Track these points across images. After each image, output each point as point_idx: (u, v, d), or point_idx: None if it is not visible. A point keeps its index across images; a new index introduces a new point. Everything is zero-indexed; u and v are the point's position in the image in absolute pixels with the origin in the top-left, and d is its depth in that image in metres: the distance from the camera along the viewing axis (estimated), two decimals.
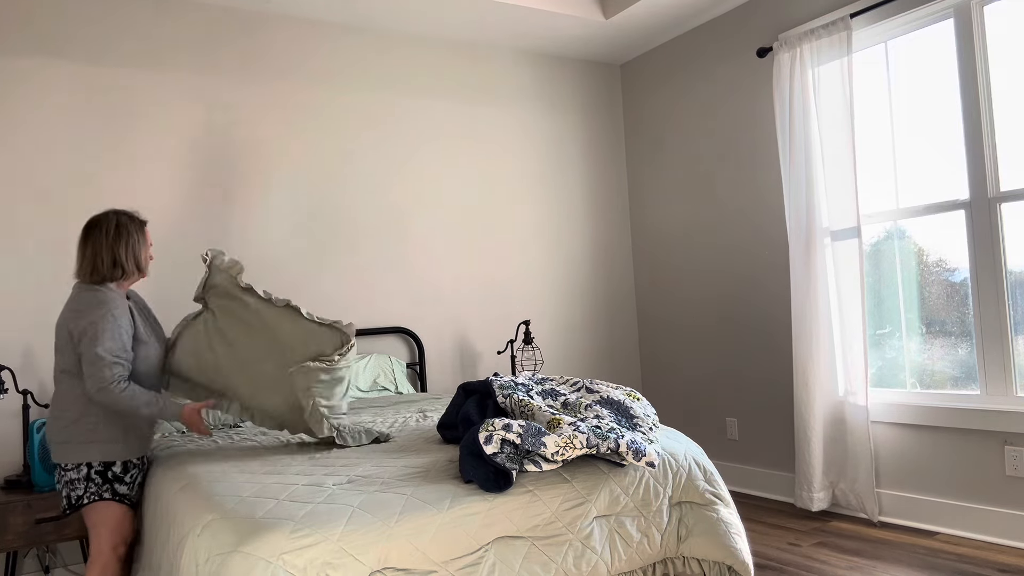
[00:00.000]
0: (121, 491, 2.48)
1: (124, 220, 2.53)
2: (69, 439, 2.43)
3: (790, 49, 3.86)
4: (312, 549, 1.77)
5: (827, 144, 3.76)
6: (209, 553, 1.81)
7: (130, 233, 2.52)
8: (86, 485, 2.44)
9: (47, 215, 3.40)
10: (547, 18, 4.29)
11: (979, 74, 3.29)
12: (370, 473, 2.18)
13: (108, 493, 2.46)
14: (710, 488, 2.44)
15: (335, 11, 4.02)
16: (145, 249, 2.57)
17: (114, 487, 2.47)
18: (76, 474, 2.43)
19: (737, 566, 2.33)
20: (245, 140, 3.88)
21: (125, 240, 2.50)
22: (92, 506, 2.46)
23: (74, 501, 2.44)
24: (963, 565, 3.03)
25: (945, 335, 3.50)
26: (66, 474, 2.44)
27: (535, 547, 2.07)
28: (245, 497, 2.00)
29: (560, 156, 4.90)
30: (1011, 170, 3.24)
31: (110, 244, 2.48)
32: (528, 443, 2.11)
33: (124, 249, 2.49)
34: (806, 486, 3.77)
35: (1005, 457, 3.22)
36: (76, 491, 2.43)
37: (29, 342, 3.33)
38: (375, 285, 4.19)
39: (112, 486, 2.46)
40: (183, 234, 3.70)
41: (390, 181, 4.28)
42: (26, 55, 3.39)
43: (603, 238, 5.04)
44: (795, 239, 3.86)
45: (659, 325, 4.95)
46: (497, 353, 4.42)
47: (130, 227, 2.53)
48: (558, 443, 2.13)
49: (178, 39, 3.75)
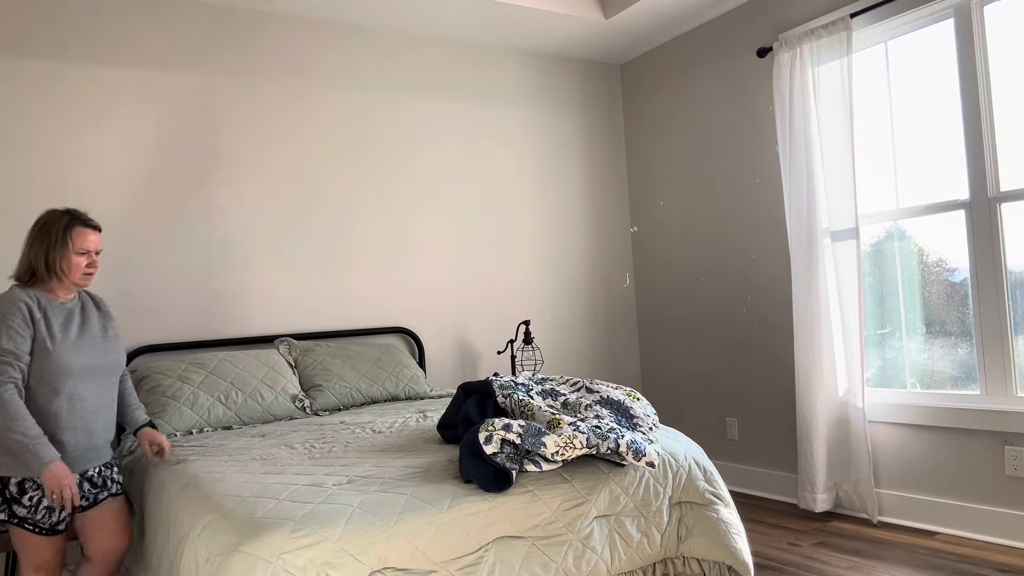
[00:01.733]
0: (20, 514, 2.26)
1: (52, 220, 2.40)
2: None
3: (790, 49, 3.86)
4: (312, 549, 1.77)
5: (827, 144, 3.76)
6: (209, 553, 1.81)
7: (50, 235, 2.38)
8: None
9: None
10: (547, 18, 4.29)
11: (979, 74, 3.29)
12: (370, 473, 2.18)
13: (4, 514, 2.26)
14: (710, 488, 2.44)
15: (334, 10, 4.02)
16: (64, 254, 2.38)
17: (12, 508, 2.25)
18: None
19: (737, 566, 2.33)
20: (244, 140, 3.88)
21: (42, 242, 2.38)
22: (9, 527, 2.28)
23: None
24: (963, 565, 3.03)
25: (945, 335, 3.50)
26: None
27: (535, 547, 2.07)
28: (245, 497, 2.00)
29: (560, 156, 4.90)
30: (1011, 170, 3.24)
31: (29, 243, 2.40)
32: (528, 443, 2.11)
33: (37, 251, 2.37)
34: (809, 487, 3.77)
35: (1005, 457, 3.22)
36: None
37: None
38: (375, 285, 4.19)
39: (10, 507, 2.25)
40: (183, 235, 3.70)
41: (390, 181, 4.28)
42: (29, 56, 3.40)
43: (603, 238, 5.04)
44: (795, 239, 3.86)
45: (659, 325, 4.95)
46: (497, 353, 4.42)
47: (53, 229, 2.38)
48: (558, 443, 2.13)
49: (178, 39, 3.74)
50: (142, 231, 3.61)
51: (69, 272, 2.39)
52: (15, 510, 2.25)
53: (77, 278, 2.41)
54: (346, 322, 4.08)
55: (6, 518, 2.25)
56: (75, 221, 2.41)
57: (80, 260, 2.40)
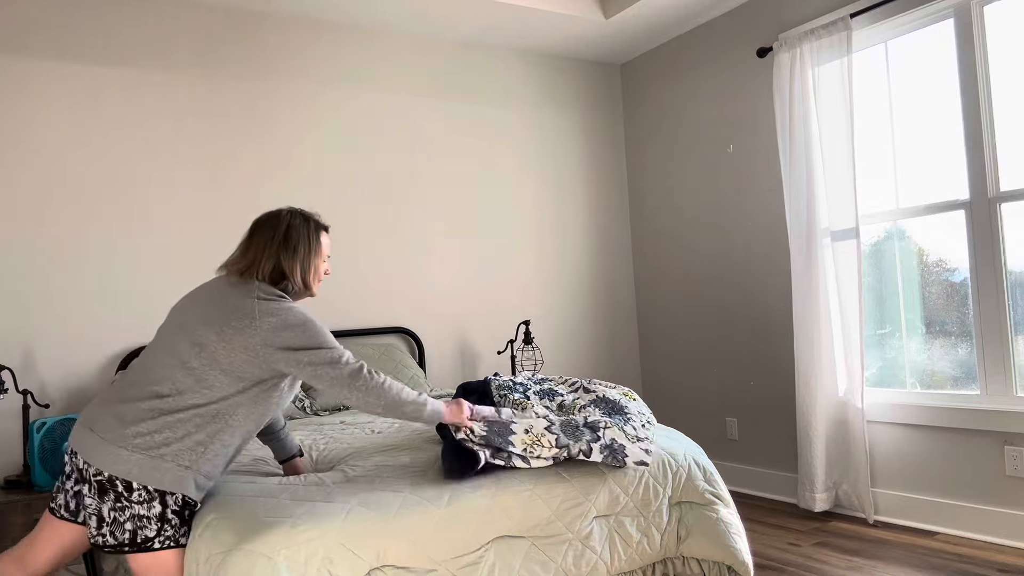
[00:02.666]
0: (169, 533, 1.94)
1: (296, 222, 2.13)
2: (162, 452, 1.89)
3: (790, 49, 3.87)
4: (311, 544, 1.77)
5: (827, 144, 3.76)
6: (210, 552, 1.82)
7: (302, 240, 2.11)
8: (160, 526, 1.90)
9: (48, 216, 3.41)
10: (547, 18, 4.29)
11: (979, 74, 3.29)
12: (369, 472, 2.18)
13: (169, 541, 1.92)
14: (710, 488, 2.44)
15: (333, 10, 4.02)
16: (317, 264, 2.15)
17: (167, 527, 1.92)
18: (146, 509, 1.88)
19: (737, 566, 2.33)
20: (244, 140, 3.88)
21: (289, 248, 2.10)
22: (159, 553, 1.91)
23: (140, 541, 1.88)
24: (963, 565, 3.03)
25: (945, 335, 3.50)
26: (132, 506, 1.88)
27: (535, 547, 2.07)
28: (245, 496, 2.01)
29: (560, 156, 4.90)
30: (1011, 170, 3.24)
31: (267, 246, 2.09)
32: (496, 440, 2.12)
33: (289, 259, 2.09)
34: (809, 487, 3.77)
35: (1005, 457, 3.22)
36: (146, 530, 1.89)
37: (29, 342, 3.33)
38: (375, 285, 4.20)
39: (167, 525, 1.92)
40: (182, 235, 3.70)
41: (389, 180, 4.28)
42: (30, 57, 3.40)
43: (603, 238, 5.04)
44: (795, 239, 3.86)
45: (659, 325, 4.95)
46: (497, 353, 4.42)
47: (302, 232, 2.12)
48: (525, 441, 2.13)
49: (177, 38, 3.75)
50: (140, 231, 3.61)
51: (316, 284, 2.16)
52: (168, 531, 1.93)
53: (317, 289, 2.19)
54: (346, 322, 4.08)
55: (173, 542, 1.92)
56: (319, 224, 2.18)
57: (323, 267, 2.18)
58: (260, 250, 2.09)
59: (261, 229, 2.12)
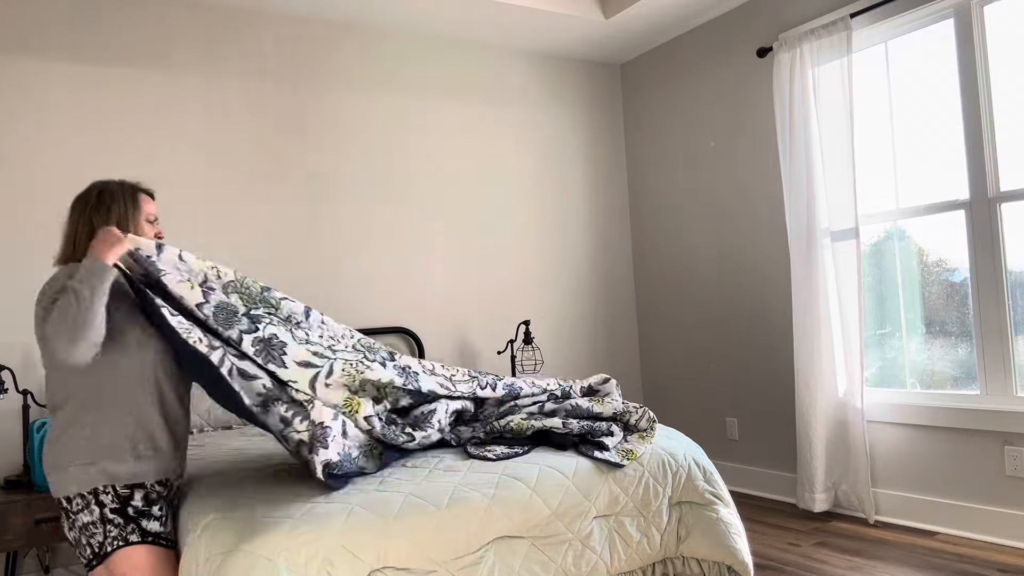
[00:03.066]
0: (153, 529, 1.94)
1: (110, 187, 2.04)
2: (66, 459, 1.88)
3: (790, 49, 3.86)
4: (312, 546, 1.77)
5: (827, 144, 3.76)
6: (209, 552, 1.81)
7: (116, 202, 2.02)
8: (104, 528, 1.88)
9: (48, 214, 3.40)
10: (547, 18, 4.29)
11: (979, 74, 3.29)
12: (368, 472, 2.18)
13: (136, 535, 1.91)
14: (710, 488, 2.44)
15: (334, 10, 4.02)
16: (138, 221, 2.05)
17: (142, 525, 1.92)
18: (88, 515, 1.87)
19: (737, 566, 2.33)
20: (244, 140, 3.88)
21: (101, 211, 2.00)
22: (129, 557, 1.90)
23: (98, 551, 1.87)
24: (963, 565, 3.03)
25: (945, 335, 3.50)
26: (77, 518, 1.88)
27: (535, 547, 2.07)
28: (245, 496, 2.00)
29: (560, 156, 4.90)
30: (1011, 170, 3.24)
31: (75, 218, 2.02)
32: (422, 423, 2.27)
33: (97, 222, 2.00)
34: (808, 487, 3.77)
35: (1005, 457, 3.22)
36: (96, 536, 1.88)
37: (29, 342, 3.33)
38: (375, 285, 4.20)
39: (139, 524, 1.92)
40: (181, 235, 3.70)
41: (389, 181, 4.28)
42: (23, 55, 3.40)
43: (603, 238, 5.04)
44: (795, 239, 3.86)
45: (659, 325, 4.95)
46: (497, 353, 4.42)
47: (117, 196, 2.03)
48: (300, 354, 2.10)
49: (177, 38, 3.75)
50: None
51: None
52: (147, 526, 1.92)
53: None
54: (346, 322, 4.08)
55: (139, 539, 1.90)
56: (136, 188, 2.08)
57: (150, 229, 2.08)
58: (75, 223, 2.01)
59: (74, 204, 2.04)
